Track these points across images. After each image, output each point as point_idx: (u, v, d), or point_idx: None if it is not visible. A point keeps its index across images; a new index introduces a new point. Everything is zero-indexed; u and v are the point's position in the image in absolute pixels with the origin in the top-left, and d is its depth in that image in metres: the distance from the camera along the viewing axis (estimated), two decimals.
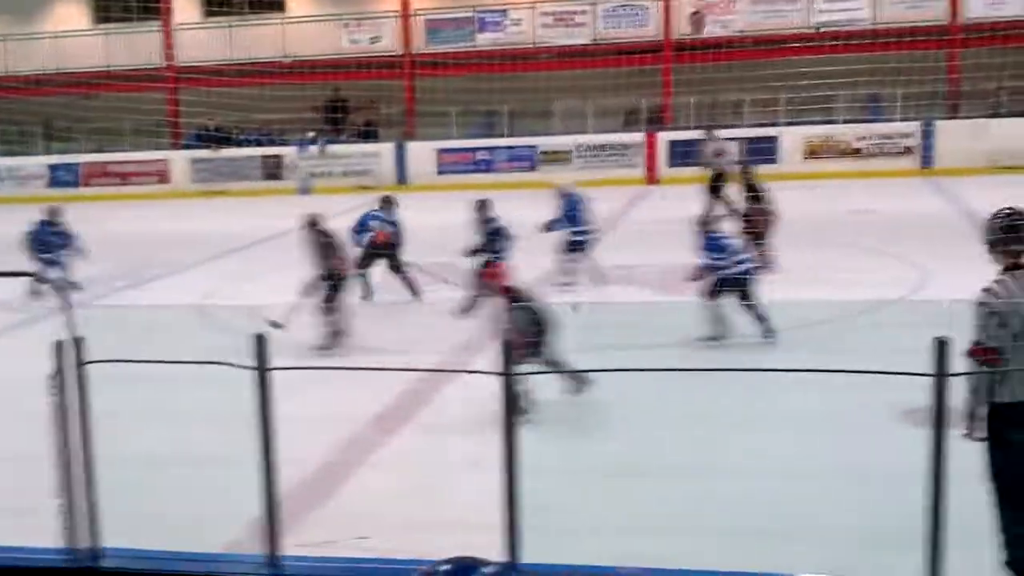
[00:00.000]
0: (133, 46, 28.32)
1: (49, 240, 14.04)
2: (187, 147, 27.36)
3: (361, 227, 13.15)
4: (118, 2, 29.52)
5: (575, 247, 13.12)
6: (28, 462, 7.70)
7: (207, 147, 26.70)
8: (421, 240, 13.74)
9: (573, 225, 13.18)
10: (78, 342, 4.95)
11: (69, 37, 29.00)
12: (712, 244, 10.17)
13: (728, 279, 9.94)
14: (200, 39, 28.38)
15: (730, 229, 11.34)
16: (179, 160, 27.01)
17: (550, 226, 13.28)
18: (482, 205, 12.88)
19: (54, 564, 4.89)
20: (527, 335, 7.68)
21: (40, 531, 5.04)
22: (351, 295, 11.26)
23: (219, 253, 17.13)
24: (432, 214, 18.13)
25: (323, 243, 10.96)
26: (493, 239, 12.53)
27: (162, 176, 26.96)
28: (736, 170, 16.34)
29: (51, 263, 13.60)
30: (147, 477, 6.94)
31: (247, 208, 22.99)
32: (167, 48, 28.19)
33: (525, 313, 7.84)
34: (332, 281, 10.66)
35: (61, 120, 28.49)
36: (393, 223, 13.20)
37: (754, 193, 14.03)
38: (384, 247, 12.98)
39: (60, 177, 27.30)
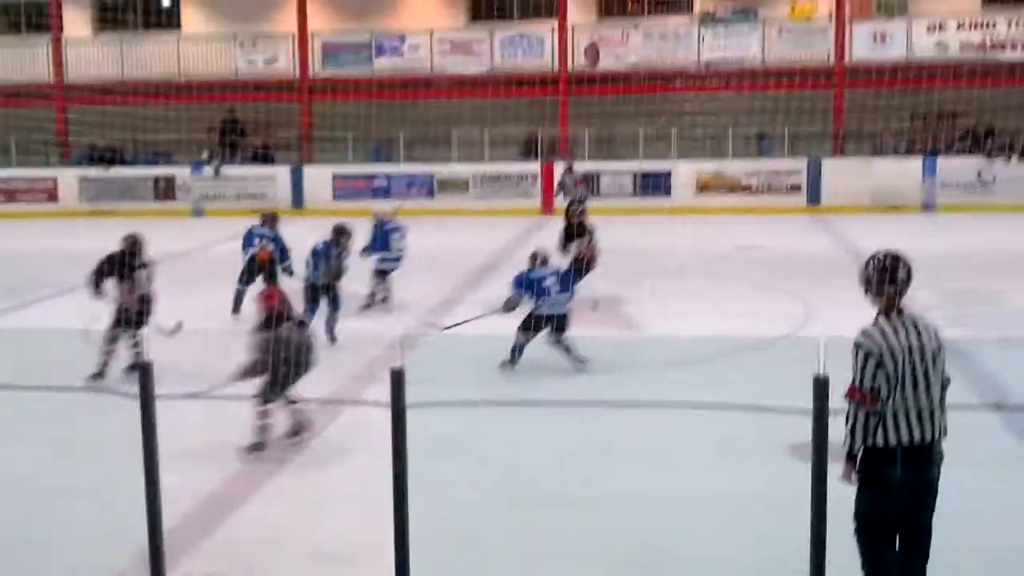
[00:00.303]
0: (21, 61, 27.66)
1: None
2: (77, 165, 26.76)
3: (247, 242, 13.28)
4: (6, 16, 28.87)
5: (383, 273, 13.69)
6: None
7: (98, 165, 26.15)
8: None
9: (383, 251, 13.71)
10: None
11: None
12: (531, 283, 10.12)
13: (544, 317, 10.01)
14: (91, 56, 27.84)
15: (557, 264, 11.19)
16: (67, 178, 26.41)
17: (364, 252, 13.63)
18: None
19: None
20: (266, 364, 7.62)
21: None
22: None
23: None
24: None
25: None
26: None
27: (50, 194, 26.33)
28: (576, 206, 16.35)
29: None
30: (32, 506, 6.78)
31: (138, 229, 22.48)
32: (56, 64, 27.61)
33: (277, 342, 7.67)
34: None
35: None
36: (275, 240, 13.22)
37: (581, 231, 14.30)
38: (264, 265, 13.06)
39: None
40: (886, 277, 4.88)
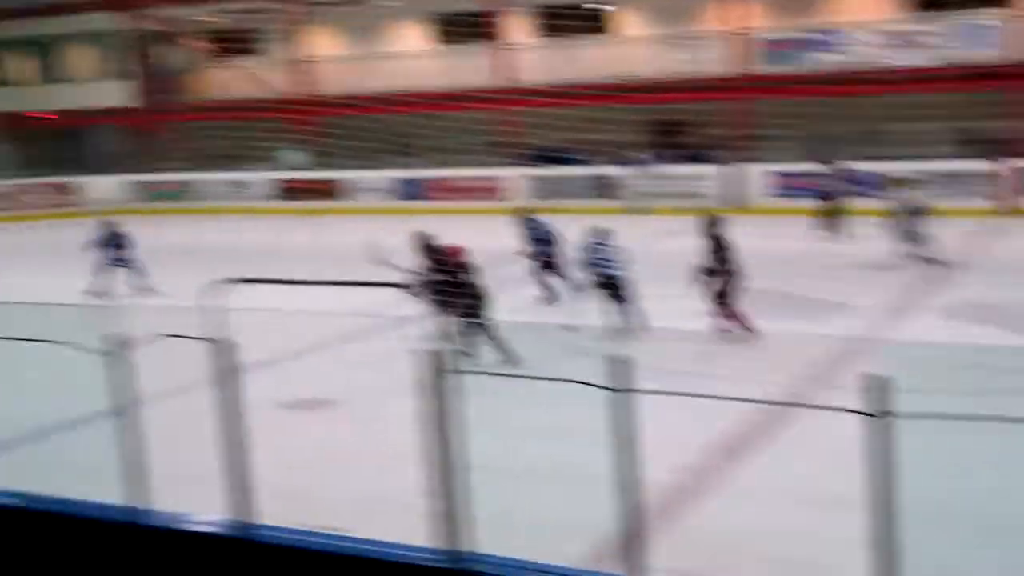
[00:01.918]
0: (472, 66, 29.59)
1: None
2: (521, 165, 28.25)
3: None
4: (457, 26, 30.93)
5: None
6: (399, 462, 8.24)
7: (540, 165, 27.49)
8: (757, 265, 13.54)
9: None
10: (445, 354, 5.23)
11: (413, 58, 30.71)
12: None
13: None
14: (535, 60, 29.29)
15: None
16: (514, 177, 27.95)
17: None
18: (712, 223, 12.84)
19: (428, 563, 5.16)
20: None
21: (410, 528, 5.33)
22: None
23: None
24: (764, 240, 17.88)
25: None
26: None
27: (498, 192, 27.98)
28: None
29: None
30: (507, 486, 7.18)
31: (579, 225, 23.36)
32: (503, 68, 29.24)
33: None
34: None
35: (409, 136, 30.18)
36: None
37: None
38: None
39: (408, 191, 28.94)
40: None
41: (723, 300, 12.44)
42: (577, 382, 4.82)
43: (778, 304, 13.77)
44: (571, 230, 14.44)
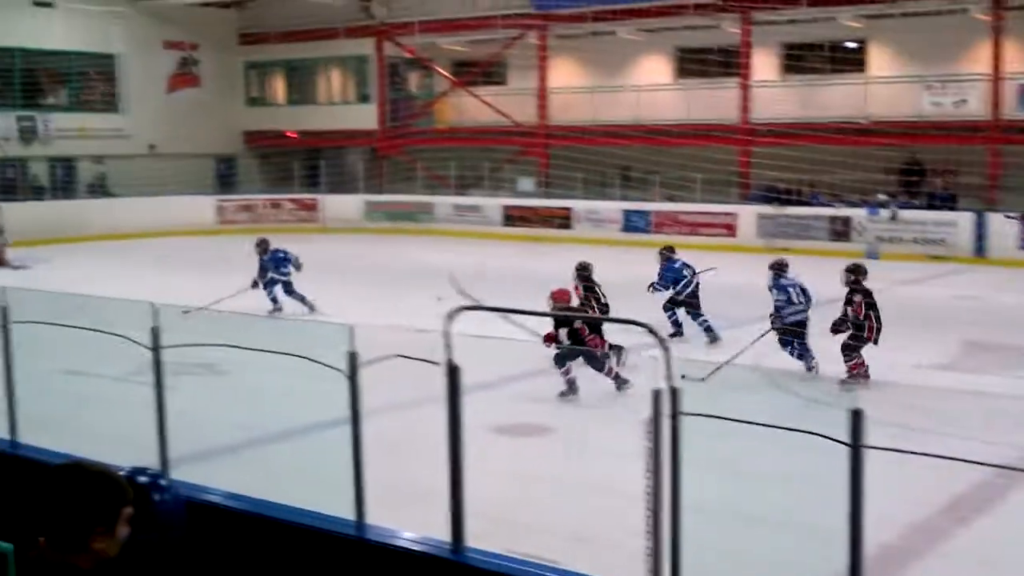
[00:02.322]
0: (710, 101, 29.27)
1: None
2: (754, 202, 27.73)
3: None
4: (698, 58, 30.69)
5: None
6: (611, 496, 8.14)
7: (775, 204, 26.90)
8: (1006, 318, 12.79)
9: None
10: (675, 392, 5.07)
11: (651, 91, 30.67)
12: None
13: None
14: (776, 97, 28.72)
15: None
16: (746, 215, 27.45)
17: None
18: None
19: None
20: None
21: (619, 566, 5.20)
22: None
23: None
24: (1000, 292, 16.89)
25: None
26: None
27: (729, 229, 27.54)
28: None
29: None
30: (720, 532, 6.97)
31: (811, 267, 22.71)
32: (743, 104, 28.78)
33: None
34: None
35: (637, 168, 30.14)
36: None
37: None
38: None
39: (633, 223, 28.84)
40: None
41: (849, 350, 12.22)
42: (813, 434, 4.58)
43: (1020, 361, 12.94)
44: (809, 272, 14.02)
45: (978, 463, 7.61)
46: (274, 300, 17.87)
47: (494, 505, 6.46)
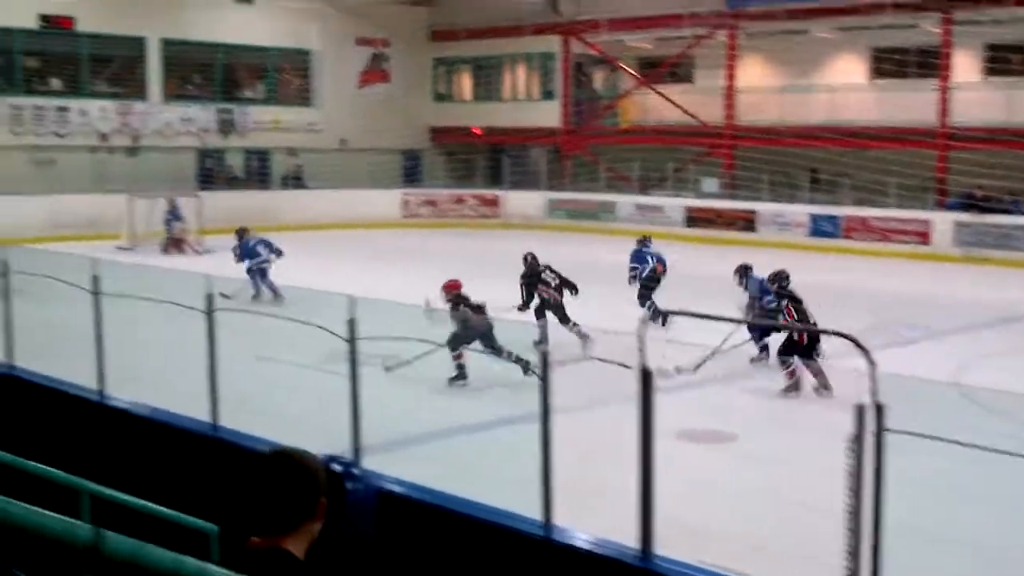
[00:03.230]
0: (907, 103, 28.19)
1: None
2: (951, 209, 26.55)
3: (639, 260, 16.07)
4: (895, 58, 29.58)
5: None
6: (802, 509, 7.88)
7: (972, 211, 25.70)
8: None
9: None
10: (880, 408, 4.83)
11: (844, 91, 29.74)
12: None
13: None
14: (978, 100, 27.46)
15: None
16: (942, 222, 26.31)
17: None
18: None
19: None
20: None
21: None
22: None
23: (977, 324, 16.29)
24: None
25: None
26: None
27: (923, 237, 26.46)
28: None
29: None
30: (914, 553, 6.64)
31: (1012, 279, 21.68)
32: (942, 107, 27.61)
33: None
34: None
35: (827, 171, 29.28)
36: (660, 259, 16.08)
37: None
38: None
39: (821, 227, 28.02)
40: None
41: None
42: None
43: None
44: (1006, 283, 13.32)
45: None
46: (256, 287, 18.16)
47: (675, 511, 6.30)
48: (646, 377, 5.15)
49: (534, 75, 36.22)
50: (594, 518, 6.25)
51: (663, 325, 13.52)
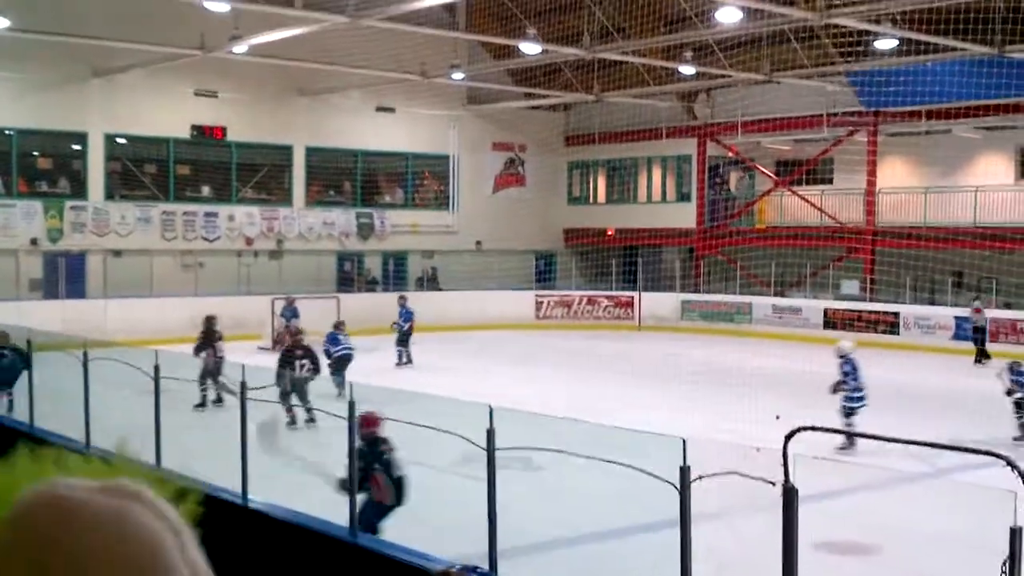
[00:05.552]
0: None
1: None
2: None
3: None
4: None
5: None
6: None
7: None
8: None
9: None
10: None
11: (989, 191, 28.99)
12: None
13: None
14: None
15: None
16: None
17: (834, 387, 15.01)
18: None
19: None
20: None
21: None
22: None
23: None
24: None
25: None
26: None
27: None
28: None
29: None
30: None
31: None
32: None
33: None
34: None
35: (972, 273, 28.45)
36: None
37: None
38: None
39: (966, 331, 27.08)
40: None
41: None
42: None
43: None
44: None
45: None
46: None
47: None
48: (789, 495, 5.02)
49: (669, 177, 36.31)
50: None
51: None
